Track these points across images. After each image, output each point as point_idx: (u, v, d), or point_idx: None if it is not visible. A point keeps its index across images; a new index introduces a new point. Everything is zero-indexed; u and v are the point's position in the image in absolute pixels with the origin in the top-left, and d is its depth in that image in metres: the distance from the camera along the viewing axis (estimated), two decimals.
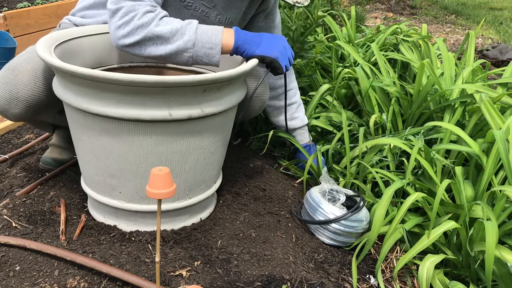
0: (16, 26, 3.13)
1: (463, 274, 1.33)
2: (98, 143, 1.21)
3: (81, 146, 1.27)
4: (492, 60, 3.72)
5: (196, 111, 1.17)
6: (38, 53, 1.15)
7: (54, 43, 1.29)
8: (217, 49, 1.24)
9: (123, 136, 1.17)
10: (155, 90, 1.11)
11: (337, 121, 1.90)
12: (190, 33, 1.21)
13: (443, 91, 1.71)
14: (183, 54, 1.23)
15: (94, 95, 1.13)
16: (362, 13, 3.88)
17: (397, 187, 1.41)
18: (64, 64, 1.09)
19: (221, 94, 1.22)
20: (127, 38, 1.20)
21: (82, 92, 1.14)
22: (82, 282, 1.15)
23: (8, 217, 1.34)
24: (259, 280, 1.21)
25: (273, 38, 1.33)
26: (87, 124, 1.19)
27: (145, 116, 1.13)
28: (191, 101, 1.16)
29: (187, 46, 1.21)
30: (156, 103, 1.13)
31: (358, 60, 1.99)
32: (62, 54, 1.29)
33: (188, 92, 1.14)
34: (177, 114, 1.15)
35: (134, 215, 1.33)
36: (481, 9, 6.65)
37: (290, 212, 1.55)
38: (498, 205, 1.31)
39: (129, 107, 1.12)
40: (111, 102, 1.12)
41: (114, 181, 1.27)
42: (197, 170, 1.31)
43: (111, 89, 1.10)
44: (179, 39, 1.21)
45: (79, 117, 1.20)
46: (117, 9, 1.19)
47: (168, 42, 1.21)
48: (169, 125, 1.17)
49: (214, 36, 1.23)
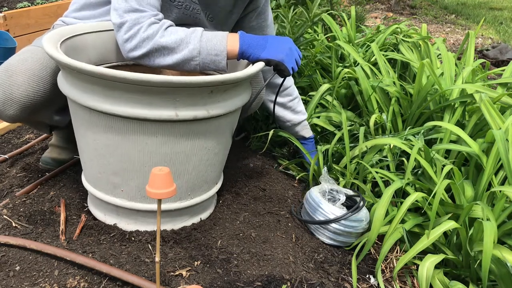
0: (16, 26, 3.13)
1: (463, 274, 1.33)
2: (102, 140, 1.21)
3: (84, 143, 1.27)
4: (492, 60, 3.72)
5: (202, 112, 1.18)
6: (45, 50, 1.15)
7: (59, 39, 1.28)
8: (223, 55, 1.24)
9: (128, 134, 1.18)
10: (162, 90, 1.11)
11: (337, 121, 1.90)
12: (195, 41, 1.23)
13: (443, 91, 1.71)
14: (190, 62, 1.24)
15: (101, 93, 1.13)
16: (362, 13, 3.88)
17: (397, 187, 1.41)
18: (72, 61, 1.09)
19: (227, 96, 1.22)
20: (135, 51, 1.22)
21: (89, 89, 1.14)
22: (82, 282, 1.15)
23: (8, 217, 1.34)
24: (259, 280, 1.21)
25: (279, 41, 1.33)
26: (92, 121, 1.19)
27: (151, 116, 1.13)
28: (198, 102, 1.16)
29: (193, 55, 1.23)
30: (162, 103, 1.13)
31: (358, 60, 1.99)
32: (66, 50, 1.28)
33: (195, 93, 1.14)
34: (183, 115, 1.15)
35: (135, 214, 1.33)
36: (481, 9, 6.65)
37: (290, 212, 1.55)
38: (498, 205, 1.31)
39: (135, 106, 1.12)
40: (118, 100, 1.12)
41: (116, 179, 1.27)
42: (200, 170, 1.31)
43: (118, 87, 1.10)
44: (185, 48, 1.22)
45: (84, 114, 1.20)
46: (121, 23, 1.21)
47: (174, 52, 1.22)
48: (175, 125, 1.17)
49: (219, 43, 1.24)
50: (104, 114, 1.15)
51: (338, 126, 1.89)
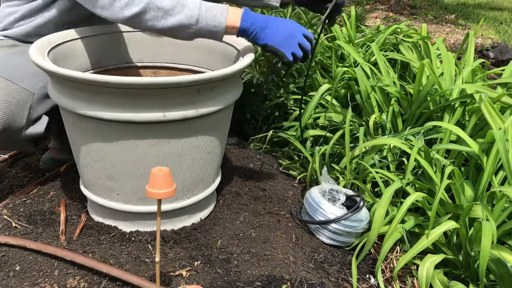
0: None
1: (463, 274, 1.33)
2: (93, 146, 1.21)
3: (77, 149, 1.28)
4: (492, 60, 3.72)
5: (190, 112, 1.17)
6: (31, 58, 1.15)
7: (48, 47, 1.29)
8: (221, 27, 1.19)
9: (118, 138, 1.18)
10: (148, 92, 1.10)
11: (337, 121, 1.90)
12: (193, 8, 1.16)
13: (443, 91, 1.71)
14: (186, 30, 1.18)
15: (87, 98, 1.13)
16: (362, 13, 3.88)
17: (397, 187, 1.41)
18: (57, 68, 1.10)
19: (216, 94, 1.22)
20: (126, 10, 1.14)
21: (76, 96, 1.15)
22: (82, 282, 1.15)
23: (8, 217, 1.34)
24: (259, 280, 1.21)
25: (281, 24, 1.23)
26: (82, 127, 1.20)
27: (139, 118, 1.13)
28: (186, 102, 1.16)
29: (191, 22, 1.17)
30: (149, 105, 1.12)
31: (358, 60, 1.99)
32: (56, 57, 1.29)
33: (182, 92, 1.14)
34: (172, 115, 1.15)
35: (133, 217, 1.33)
36: (481, 9, 6.65)
37: (290, 212, 1.55)
38: (498, 205, 1.31)
39: (122, 109, 1.12)
40: (104, 105, 1.12)
41: (111, 183, 1.27)
42: (195, 170, 1.31)
43: (103, 92, 1.10)
44: (181, 11, 1.16)
45: (75, 120, 1.20)
46: None
47: (169, 15, 1.16)
48: (164, 126, 1.17)
49: (219, 14, 1.18)
50: (93, 119, 1.15)
51: (335, 126, 1.89)
